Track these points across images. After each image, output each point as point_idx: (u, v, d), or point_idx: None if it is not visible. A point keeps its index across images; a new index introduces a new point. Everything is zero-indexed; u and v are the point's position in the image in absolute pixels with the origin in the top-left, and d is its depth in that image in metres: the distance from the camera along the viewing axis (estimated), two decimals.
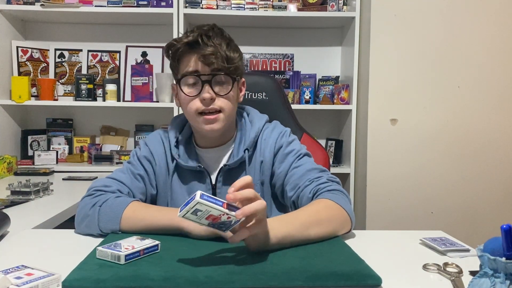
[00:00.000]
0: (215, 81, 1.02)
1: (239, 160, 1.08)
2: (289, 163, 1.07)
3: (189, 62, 1.02)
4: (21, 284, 0.61)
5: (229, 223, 0.74)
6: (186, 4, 2.37)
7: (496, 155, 2.24)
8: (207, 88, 1.01)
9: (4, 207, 1.31)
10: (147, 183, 1.09)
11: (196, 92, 1.02)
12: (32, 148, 2.49)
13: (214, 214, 0.71)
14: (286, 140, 1.10)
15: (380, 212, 2.25)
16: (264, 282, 0.68)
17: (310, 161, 1.08)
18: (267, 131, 1.12)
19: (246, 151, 1.08)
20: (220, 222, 0.73)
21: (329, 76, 2.55)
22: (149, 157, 1.10)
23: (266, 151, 1.10)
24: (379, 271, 0.71)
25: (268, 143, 1.10)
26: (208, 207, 0.70)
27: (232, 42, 1.06)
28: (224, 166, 1.08)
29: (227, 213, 0.71)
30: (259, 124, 1.12)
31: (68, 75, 2.58)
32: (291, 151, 1.08)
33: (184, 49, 1.02)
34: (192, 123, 1.09)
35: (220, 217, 0.72)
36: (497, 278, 0.57)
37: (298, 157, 1.08)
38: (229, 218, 0.72)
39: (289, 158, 1.08)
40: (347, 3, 2.42)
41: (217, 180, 1.09)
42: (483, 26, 2.19)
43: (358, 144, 2.37)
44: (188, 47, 1.02)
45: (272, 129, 1.13)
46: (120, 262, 0.74)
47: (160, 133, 1.15)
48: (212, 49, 1.00)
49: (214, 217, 0.72)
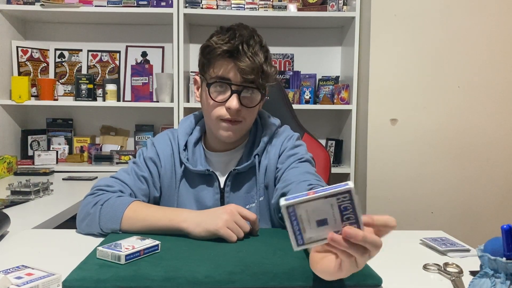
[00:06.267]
0: (244, 92, 1.00)
1: (249, 165, 1.06)
2: (288, 163, 1.05)
3: (223, 68, 0.99)
4: (21, 284, 0.61)
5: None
6: (186, 4, 2.36)
7: (496, 155, 2.24)
8: (235, 98, 0.98)
9: (4, 207, 1.31)
10: (151, 185, 1.08)
11: (224, 98, 1.00)
12: (32, 148, 2.49)
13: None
14: (292, 144, 1.09)
15: (380, 212, 2.23)
16: (264, 282, 0.68)
17: (310, 167, 1.04)
18: (276, 136, 1.11)
19: (257, 156, 1.07)
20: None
21: (329, 76, 2.55)
22: (155, 158, 1.09)
23: (271, 153, 1.08)
24: (379, 271, 0.71)
25: (275, 146, 1.09)
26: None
27: (269, 54, 1.03)
28: (233, 171, 1.06)
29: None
30: (271, 130, 1.11)
31: (68, 75, 2.58)
32: (293, 154, 1.06)
33: (221, 54, 0.98)
34: (210, 126, 1.07)
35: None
36: (497, 278, 0.57)
37: (299, 160, 1.05)
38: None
39: (290, 159, 1.05)
40: (347, 3, 2.42)
41: (226, 184, 1.07)
42: (483, 26, 2.19)
43: (358, 144, 2.37)
44: (226, 52, 0.98)
45: (281, 133, 1.12)
46: (120, 262, 0.74)
47: (169, 134, 1.13)
48: (251, 63, 0.96)
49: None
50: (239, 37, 0.98)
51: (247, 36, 0.99)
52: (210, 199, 1.07)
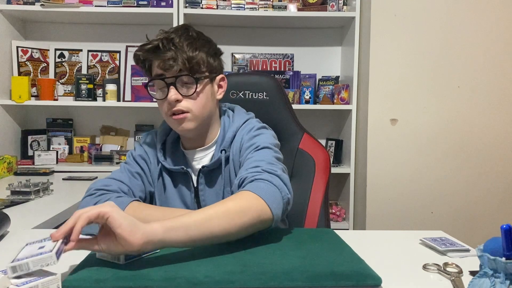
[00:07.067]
0: (181, 83, 1.01)
1: (218, 161, 1.07)
2: (246, 155, 1.03)
3: (154, 68, 1.02)
4: (21, 284, 0.61)
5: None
6: (186, 4, 2.37)
7: (496, 155, 2.24)
8: (171, 91, 1.00)
9: (4, 207, 1.31)
10: (145, 181, 1.10)
11: (164, 95, 1.02)
12: (32, 148, 2.49)
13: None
14: (251, 135, 1.07)
15: (380, 212, 2.25)
16: (264, 282, 0.68)
17: (265, 153, 1.00)
18: (240, 129, 1.10)
19: (223, 151, 1.07)
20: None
21: (329, 76, 2.55)
22: (144, 155, 1.12)
23: (235, 148, 1.08)
24: (379, 271, 0.71)
25: (237, 140, 1.09)
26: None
27: (197, 41, 1.04)
28: (203, 168, 1.07)
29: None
30: (238, 123, 1.10)
31: (68, 75, 2.58)
32: (251, 145, 1.04)
33: (147, 56, 1.02)
34: (169, 125, 1.09)
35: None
36: (497, 278, 0.57)
37: (255, 149, 1.02)
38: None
39: (247, 151, 1.04)
40: (347, 3, 2.42)
41: (198, 182, 1.08)
42: (483, 26, 2.19)
43: (358, 144, 2.37)
44: (150, 53, 1.01)
45: (244, 127, 1.10)
46: (120, 262, 0.74)
47: (153, 134, 1.16)
48: (172, 53, 0.99)
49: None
50: (161, 34, 1.02)
51: (169, 32, 1.03)
52: (188, 197, 1.09)
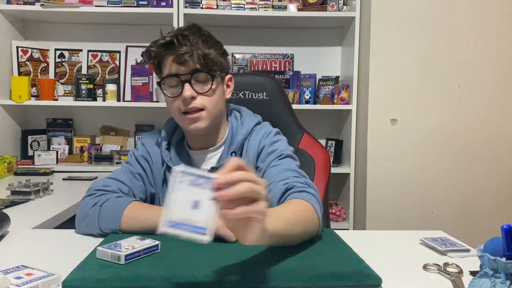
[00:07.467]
0: (195, 80, 1.01)
1: None
2: (269, 161, 1.04)
3: (168, 65, 1.02)
4: (21, 284, 0.61)
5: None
6: (186, 4, 2.36)
7: (496, 155, 2.24)
8: (186, 87, 1.00)
9: (4, 207, 1.31)
10: (146, 182, 1.10)
11: (178, 92, 1.01)
12: (32, 148, 2.49)
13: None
14: (270, 140, 1.08)
15: (380, 212, 2.25)
16: (263, 282, 0.68)
17: (291, 163, 1.03)
18: (254, 133, 1.10)
19: (233, 153, 1.07)
20: None
21: (329, 76, 2.55)
22: (146, 156, 1.11)
23: (250, 151, 1.08)
24: (379, 271, 0.71)
25: (253, 144, 1.08)
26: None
27: (210, 39, 1.05)
28: (211, 169, 1.06)
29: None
30: (249, 126, 1.10)
31: (68, 75, 2.58)
32: (273, 151, 1.05)
33: (160, 51, 1.02)
34: (179, 124, 1.09)
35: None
36: (497, 278, 0.57)
37: (279, 157, 1.04)
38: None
39: (270, 157, 1.05)
40: (347, 3, 2.42)
41: None
42: (483, 26, 2.19)
43: (358, 144, 2.37)
44: (164, 48, 1.01)
45: (258, 130, 1.11)
46: (120, 262, 0.74)
47: (157, 133, 1.15)
48: (187, 49, 0.98)
49: None
50: (173, 31, 1.03)
51: (182, 29, 1.03)
52: None
